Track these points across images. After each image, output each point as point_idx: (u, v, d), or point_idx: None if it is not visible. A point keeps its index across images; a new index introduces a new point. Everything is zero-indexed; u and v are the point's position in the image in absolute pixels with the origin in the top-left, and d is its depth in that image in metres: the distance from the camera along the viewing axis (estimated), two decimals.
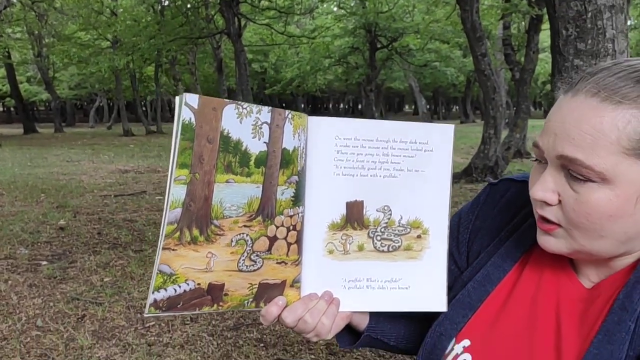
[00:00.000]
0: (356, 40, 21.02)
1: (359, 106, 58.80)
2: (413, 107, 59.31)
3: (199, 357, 2.98)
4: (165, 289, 0.76)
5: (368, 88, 19.41)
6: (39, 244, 5.43)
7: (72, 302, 3.82)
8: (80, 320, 3.54)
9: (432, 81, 32.07)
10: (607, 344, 0.74)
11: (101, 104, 41.78)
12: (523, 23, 13.76)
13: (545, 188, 0.77)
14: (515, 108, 11.92)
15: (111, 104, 42.75)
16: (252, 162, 0.80)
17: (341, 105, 54.60)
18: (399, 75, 29.63)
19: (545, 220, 0.79)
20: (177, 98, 0.73)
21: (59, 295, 3.97)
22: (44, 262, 4.78)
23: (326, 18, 22.55)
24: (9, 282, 4.25)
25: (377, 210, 0.89)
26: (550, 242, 0.80)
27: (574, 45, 3.01)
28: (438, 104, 50.54)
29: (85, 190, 8.94)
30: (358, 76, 22.63)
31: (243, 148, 0.79)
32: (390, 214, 0.90)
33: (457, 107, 55.70)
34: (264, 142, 0.80)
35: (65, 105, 42.33)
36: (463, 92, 40.76)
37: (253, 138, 0.79)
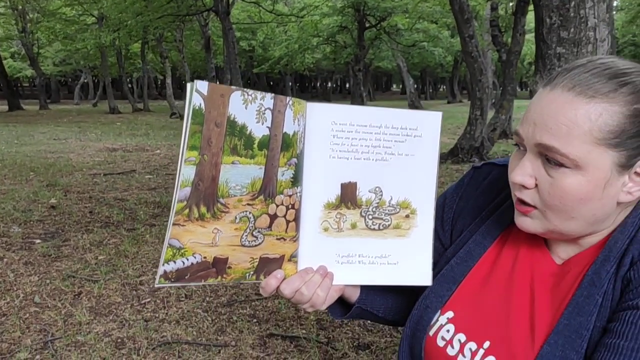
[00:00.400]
0: (345, 19, 20.85)
1: (347, 85, 58.53)
2: (401, 86, 59.20)
3: (194, 333, 3.10)
4: (175, 262, 0.82)
5: (356, 68, 19.36)
6: (32, 222, 5.49)
7: (68, 280, 3.90)
8: (76, 297, 3.63)
9: (420, 61, 32.03)
10: (577, 316, 0.83)
11: (86, 81, 41.20)
12: (511, 4, 13.79)
13: (524, 173, 0.84)
14: (501, 89, 12.03)
15: (96, 80, 42.15)
16: (255, 145, 0.85)
17: (329, 84, 54.29)
18: (387, 55, 29.51)
19: (523, 202, 0.86)
20: (188, 85, 0.77)
21: (55, 273, 4.05)
22: (38, 241, 4.85)
23: None
24: (5, 259, 4.32)
25: (369, 191, 0.95)
26: (526, 223, 0.88)
27: (557, 33, 3.11)
28: (425, 84, 50.52)
29: (74, 169, 8.95)
30: (346, 56, 22.52)
31: (248, 132, 0.84)
32: (382, 195, 0.95)
33: (445, 87, 55.71)
34: (267, 127, 0.85)
35: (49, 82, 41.75)
36: (450, 72, 40.79)
37: (257, 123, 0.84)
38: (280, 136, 0.87)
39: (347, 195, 0.94)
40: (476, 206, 1.05)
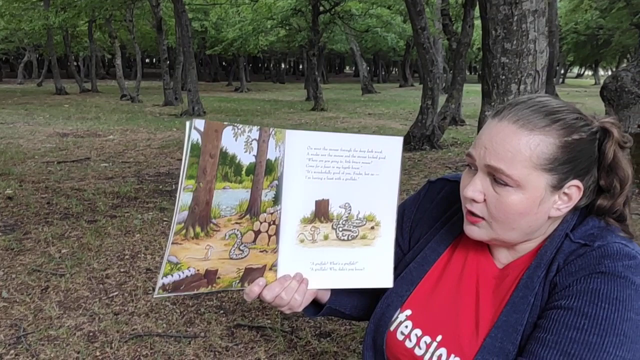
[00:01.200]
0: (299, 2, 20.83)
1: (300, 67, 58.37)
2: (353, 68, 59.51)
3: (164, 325, 3.25)
4: (172, 275, 0.93)
5: (311, 52, 19.44)
6: None
7: (34, 274, 3.97)
8: (44, 291, 3.71)
9: (373, 45, 32.27)
10: (513, 313, 0.98)
11: (30, 59, 39.55)
12: None
13: (475, 189, 0.99)
14: (451, 78, 12.42)
15: (40, 59, 40.46)
16: (243, 172, 0.95)
17: (282, 66, 54.00)
18: (341, 38, 29.65)
19: (473, 214, 1.02)
20: (187, 122, 0.88)
21: (20, 267, 4.10)
22: None
23: None
24: None
25: (339, 207, 1.08)
26: (475, 232, 1.03)
27: (502, 44, 3.39)
28: (378, 67, 50.98)
29: (26, 156, 8.77)
30: (301, 39, 22.56)
31: (237, 161, 0.94)
32: (350, 210, 1.08)
33: (397, 70, 56.37)
34: (253, 155, 0.96)
35: None
36: (402, 57, 41.29)
37: (245, 152, 0.95)
38: (264, 162, 0.99)
39: (321, 211, 1.07)
40: (431, 217, 1.21)
